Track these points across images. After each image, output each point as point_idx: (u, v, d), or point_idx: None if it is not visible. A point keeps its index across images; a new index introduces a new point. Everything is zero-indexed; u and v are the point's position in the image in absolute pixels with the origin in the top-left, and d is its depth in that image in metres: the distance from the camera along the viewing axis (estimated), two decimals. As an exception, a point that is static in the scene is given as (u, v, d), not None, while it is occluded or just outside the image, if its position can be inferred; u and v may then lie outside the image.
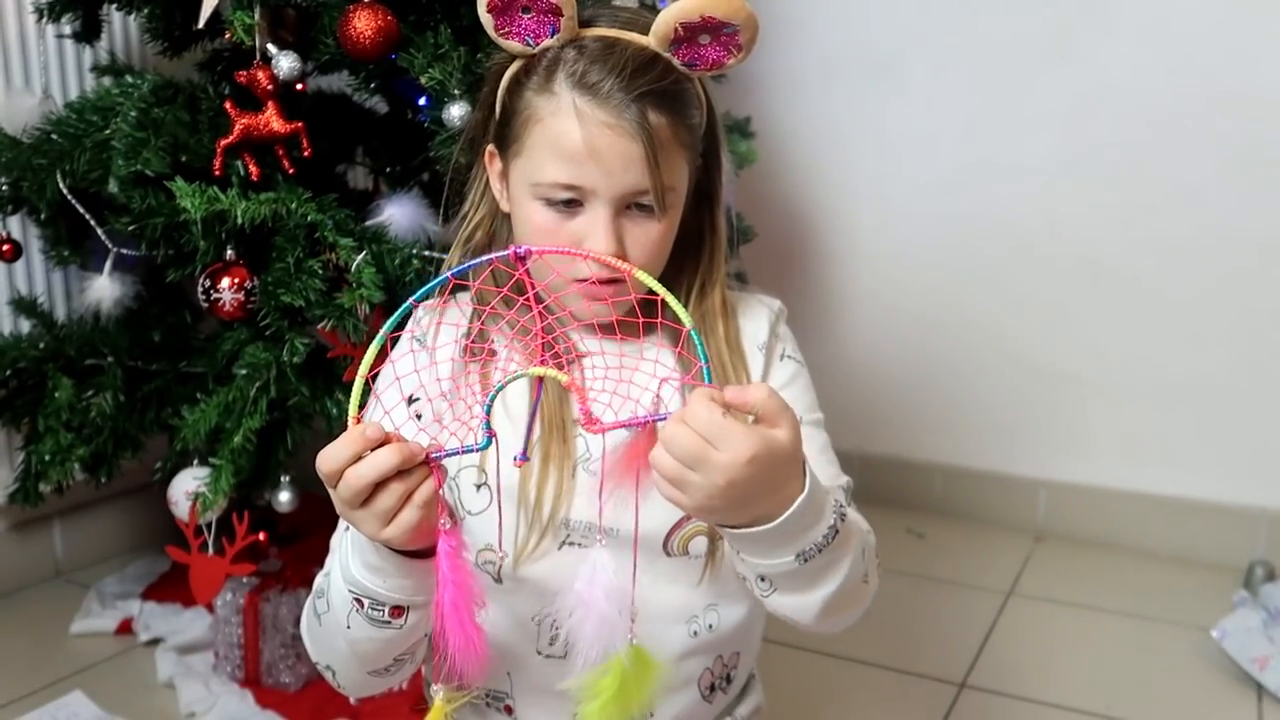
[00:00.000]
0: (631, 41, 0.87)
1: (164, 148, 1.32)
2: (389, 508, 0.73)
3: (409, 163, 1.56)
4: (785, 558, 0.77)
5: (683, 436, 0.70)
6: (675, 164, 0.89)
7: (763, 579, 0.82)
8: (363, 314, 1.26)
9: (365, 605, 0.82)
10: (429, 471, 0.74)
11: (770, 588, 0.82)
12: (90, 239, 1.46)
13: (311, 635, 0.92)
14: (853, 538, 0.83)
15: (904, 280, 2.25)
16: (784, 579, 0.80)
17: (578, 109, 0.85)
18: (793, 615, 0.84)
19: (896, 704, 1.54)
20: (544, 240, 0.89)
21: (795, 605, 0.83)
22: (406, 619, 0.82)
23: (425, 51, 1.29)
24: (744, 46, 0.86)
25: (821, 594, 0.81)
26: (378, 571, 0.80)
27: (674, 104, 0.88)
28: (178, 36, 1.52)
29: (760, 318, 1.01)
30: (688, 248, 0.97)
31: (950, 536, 2.14)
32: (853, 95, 2.24)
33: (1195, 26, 1.93)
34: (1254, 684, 1.57)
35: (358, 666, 0.89)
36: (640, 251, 0.90)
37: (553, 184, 0.88)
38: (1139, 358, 2.06)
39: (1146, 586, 1.93)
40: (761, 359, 0.99)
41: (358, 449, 0.72)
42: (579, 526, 0.92)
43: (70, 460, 1.46)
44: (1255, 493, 2.00)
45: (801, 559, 0.77)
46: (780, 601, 0.83)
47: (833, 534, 0.78)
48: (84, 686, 1.51)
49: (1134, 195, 2.03)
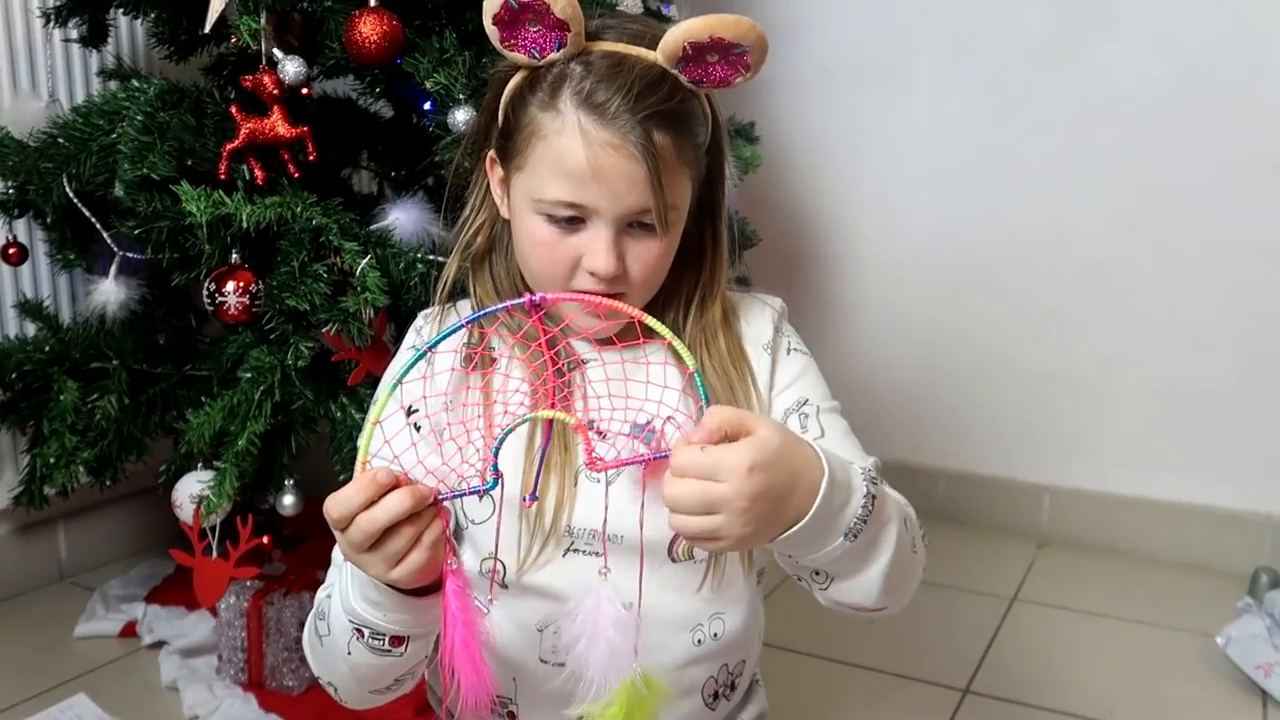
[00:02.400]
0: (640, 59, 0.86)
1: (170, 152, 1.32)
2: (398, 550, 0.73)
3: (414, 167, 1.57)
4: (835, 541, 0.77)
5: (684, 487, 0.70)
6: (679, 183, 0.89)
7: (817, 574, 0.82)
8: (367, 318, 1.26)
9: (365, 635, 0.83)
10: (436, 513, 0.74)
11: (827, 580, 0.82)
12: (96, 242, 1.46)
13: (314, 653, 0.93)
14: (890, 506, 0.83)
15: (907, 284, 2.25)
16: (839, 564, 0.80)
17: (582, 128, 0.84)
18: (857, 600, 0.84)
19: (900, 710, 1.54)
20: (543, 253, 0.89)
21: (856, 589, 0.82)
22: (407, 648, 0.83)
23: (430, 56, 1.29)
24: (752, 66, 0.86)
25: (878, 568, 0.81)
26: (378, 606, 0.81)
27: (680, 123, 0.87)
28: (184, 41, 1.53)
29: (763, 317, 1.01)
30: (689, 258, 0.97)
31: (954, 542, 2.13)
32: (857, 100, 2.24)
33: (1199, 31, 1.93)
34: (1259, 691, 1.56)
35: (359, 687, 0.90)
36: (641, 268, 0.89)
37: (555, 201, 0.87)
38: (1143, 363, 2.06)
39: (1151, 593, 1.92)
40: (768, 358, 0.98)
41: (369, 495, 0.72)
42: (582, 534, 0.91)
43: (75, 463, 1.46)
44: (1260, 499, 1.99)
45: (850, 536, 0.77)
46: (841, 590, 0.83)
47: (870, 501, 0.78)
48: (88, 689, 1.51)
49: (1138, 200, 2.02)
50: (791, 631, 1.67)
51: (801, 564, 0.80)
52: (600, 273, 0.87)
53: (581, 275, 0.88)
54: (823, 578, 0.82)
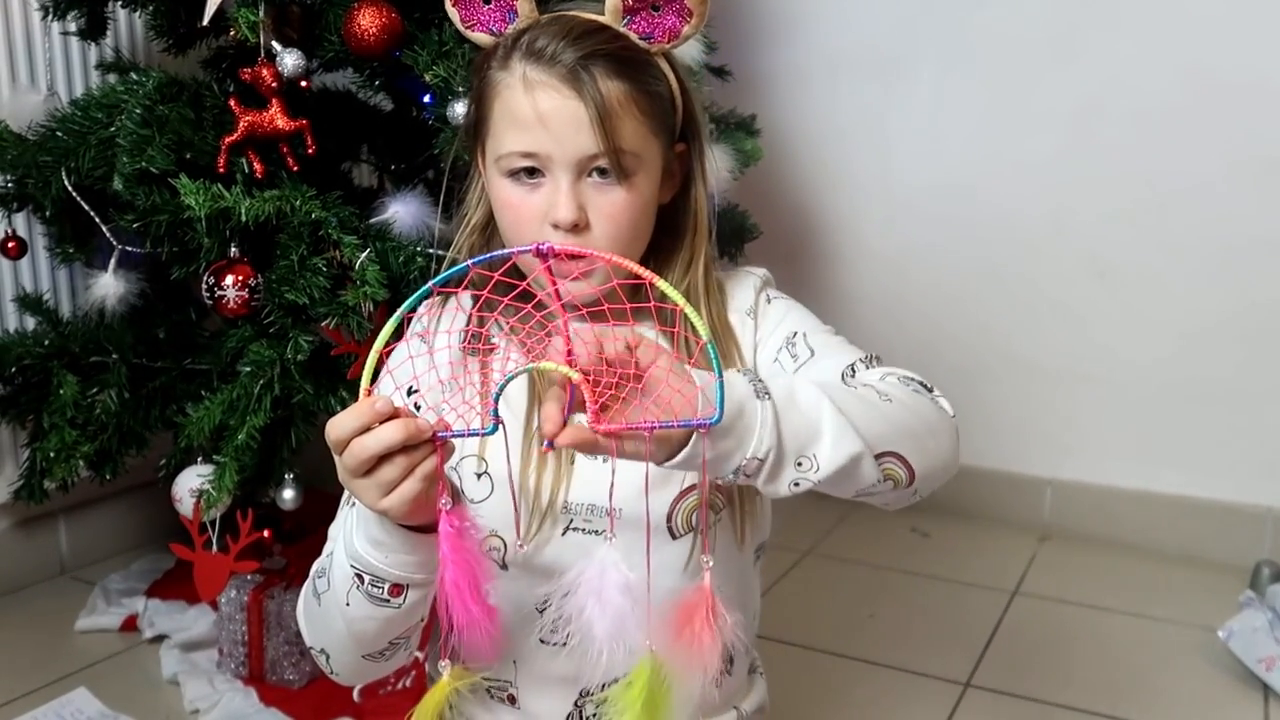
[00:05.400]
0: (585, 16, 0.89)
1: (169, 145, 1.32)
2: (391, 479, 0.73)
3: (413, 160, 1.56)
4: (763, 446, 0.73)
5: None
6: (633, 130, 0.89)
7: (796, 484, 0.76)
8: (367, 311, 1.26)
9: (365, 581, 0.83)
10: (433, 449, 0.74)
11: (808, 473, 0.76)
12: (95, 236, 1.46)
13: (308, 616, 0.93)
14: (806, 392, 0.77)
15: (909, 278, 2.25)
16: (778, 466, 0.75)
17: (526, 78, 0.88)
18: (869, 480, 0.78)
19: (901, 703, 1.53)
20: (509, 214, 0.91)
21: (836, 472, 0.76)
22: (405, 597, 0.83)
23: (429, 49, 1.29)
24: (693, 10, 0.88)
25: (832, 449, 0.75)
26: (380, 545, 0.81)
27: (627, 68, 0.88)
28: (182, 34, 1.52)
29: (746, 286, 1.02)
30: (669, 230, 0.98)
31: (955, 535, 2.14)
32: (858, 93, 2.24)
33: (1201, 25, 1.93)
34: (1260, 684, 1.56)
35: (354, 648, 0.90)
36: (604, 220, 0.90)
37: (510, 153, 0.89)
38: (1145, 356, 2.06)
39: (1152, 586, 1.92)
40: (751, 322, 0.99)
41: (366, 421, 0.72)
42: (580, 510, 0.92)
43: (75, 457, 1.46)
44: (1262, 492, 1.99)
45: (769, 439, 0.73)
46: (831, 484, 0.77)
47: (764, 392, 0.74)
48: (89, 683, 1.51)
49: (1140, 194, 2.02)
50: (793, 625, 1.67)
51: (767, 489, 0.75)
52: (560, 222, 0.88)
53: (547, 232, 0.89)
54: (800, 484, 0.76)
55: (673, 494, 0.91)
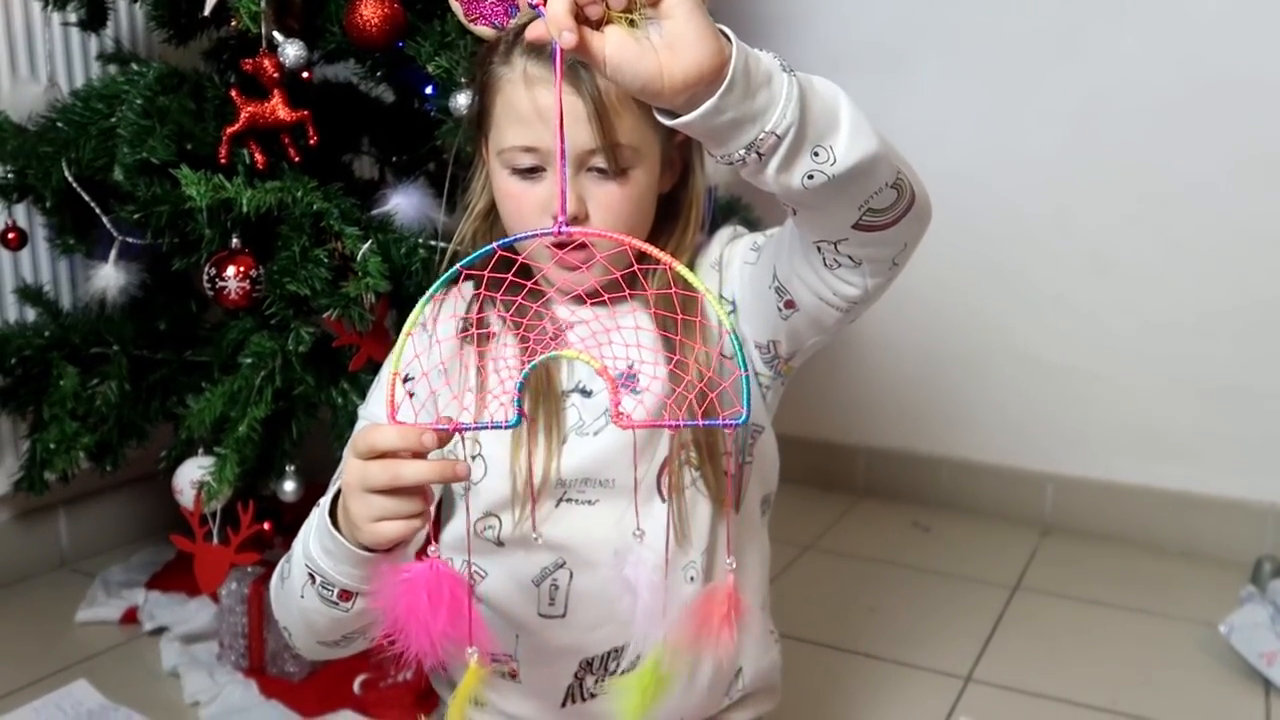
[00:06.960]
0: None
1: (169, 136, 1.32)
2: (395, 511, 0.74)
3: (415, 152, 1.56)
4: (776, 112, 0.74)
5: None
6: (630, 124, 0.90)
7: (810, 178, 0.77)
8: (368, 303, 1.25)
9: (317, 582, 0.84)
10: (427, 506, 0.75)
11: (824, 165, 0.78)
12: (95, 227, 1.45)
13: (275, 595, 0.96)
14: (824, 82, 0.80)
15: (911, 272, 2.22)
16: (798, 142, 0.77)
17: (527, 74, 0.89)
18: (866, 176, 0.82)
19: (902, 697, 1.53)
20: (511, 205, 0.93)
21: (851, 163, 0.79)
22: (354, 604, 0.84)
23: (431, 40, 1.28)
24: None
25: (849, 141, 0.79)
26: (330, 555, 0.82)
27: None
28: (183, 24, 1.52)
29: (716, 244, 1.03)
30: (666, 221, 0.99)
31: (956, 530, 2.14)
32: (860, 89, 2.17)
33: (1206, 21, 1.92)
34: (1261, 679, 1.56)
35: (309, 635, 0.92)
36: (603, 213, 0.91)
37: (512, 148, 0.91)
38: (1147, 352, 2.05)
39: (1153, 581, 1.92)
40: (716, 275, 1.00)
41: (410, 447, 0.72)
42: (574, 482, 0.94)
43: (75, 449, 1.46)
44: (1263, 488, 1.99)
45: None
46: (852, 162, 0.80)
47: (790, 68, 0.76)
48: (89, 675, 1.51)
49: (1143, 189, 2.01)
50: (793, 619, 1.67)
51: (773, 168, 0.76)
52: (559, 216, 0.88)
53: (547, 223, 0.89)
54: (812, 178, 0.78)
55: (661, 457, 0.93)
